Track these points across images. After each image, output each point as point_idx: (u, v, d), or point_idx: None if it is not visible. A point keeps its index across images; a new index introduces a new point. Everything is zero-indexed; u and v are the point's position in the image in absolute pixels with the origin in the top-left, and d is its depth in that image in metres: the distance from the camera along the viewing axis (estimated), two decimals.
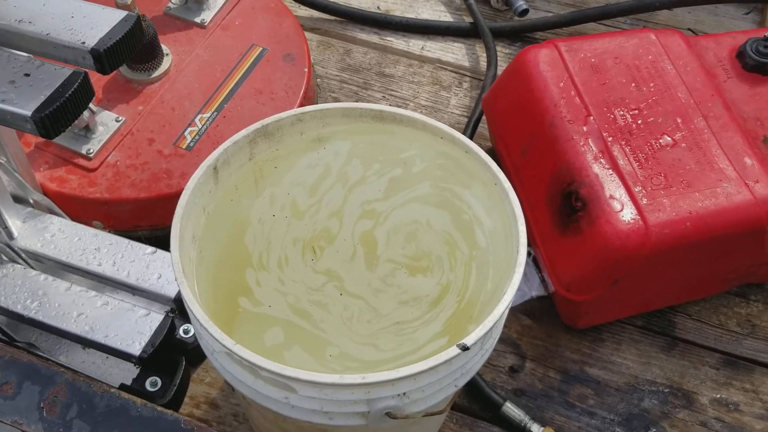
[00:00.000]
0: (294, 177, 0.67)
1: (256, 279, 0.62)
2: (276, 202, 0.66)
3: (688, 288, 0.88)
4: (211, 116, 0.93)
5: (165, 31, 1.00)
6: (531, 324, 0.90)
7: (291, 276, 0.62)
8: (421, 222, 0.65)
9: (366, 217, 0.66)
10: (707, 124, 0.83)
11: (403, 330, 0.60)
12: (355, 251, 0.64)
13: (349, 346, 0.59)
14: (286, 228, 0.65)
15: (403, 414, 0.54)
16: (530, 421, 0.81)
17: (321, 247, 0.64)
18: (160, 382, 0.78)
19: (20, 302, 0.76)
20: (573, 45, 0.89)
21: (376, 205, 0.66)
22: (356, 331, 0.60)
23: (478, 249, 0.63)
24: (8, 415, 0.48)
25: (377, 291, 0.62)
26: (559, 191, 0.81)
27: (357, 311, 0.61)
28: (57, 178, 0.87)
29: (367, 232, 0.65)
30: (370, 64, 1.17)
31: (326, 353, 0.58)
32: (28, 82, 0.51)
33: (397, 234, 0.65)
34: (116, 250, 0.80)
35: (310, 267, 0.63)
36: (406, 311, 0.61)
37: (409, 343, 0.59)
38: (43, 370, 0.49)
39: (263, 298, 0.61)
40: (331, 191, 0.67)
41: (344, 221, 0.65)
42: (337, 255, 0.64)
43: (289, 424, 0.62)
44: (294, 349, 0.58)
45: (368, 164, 0.68)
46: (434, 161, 0.67)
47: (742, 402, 0.86)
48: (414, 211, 0.66)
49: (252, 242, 0.64)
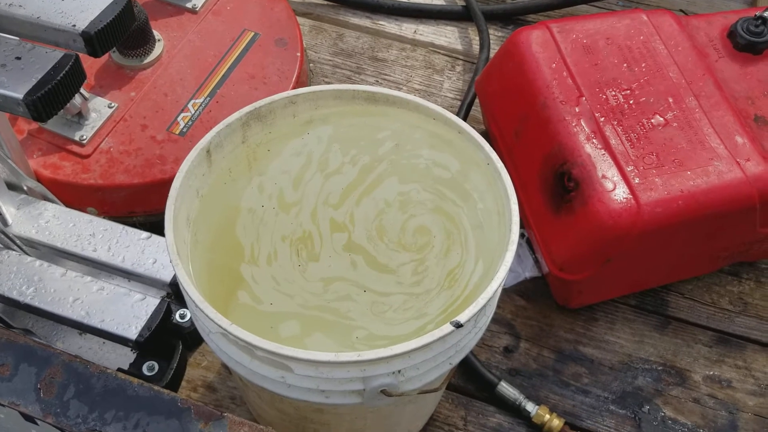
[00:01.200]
0: (282, 164, 0.67)
1: (251, 274, 0.62)
2: (264, 191, 0.66)
3: (680, 267, 0.89)
4: (204, 101, 0.93)
5: (156, 17, 0.99)
6: (525, 304, 0.91)
7: (284, 276, 0.63)
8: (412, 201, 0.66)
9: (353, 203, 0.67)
10: (698, 103, 0.83)
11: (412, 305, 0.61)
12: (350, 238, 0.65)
13: (373, 327, 0.60)
14: (274, 220, 0.65)
15: (398, 391, 0.55)
16: (525, 400, 0.81)
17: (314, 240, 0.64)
18: (157, 366, 0.78)
19: (16, 288, 0.76)
20: (565, 26, 0.89)
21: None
22: (379, 315, 0.61)
23: (472, 228, 0.64)
24: (5, 397, 0.48)
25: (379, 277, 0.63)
26: (551, 172, 0.82)
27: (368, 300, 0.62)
28: (50, 165, 0.87)
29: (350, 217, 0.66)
30: (362, 49, 1.16)
31: (353, 335, 0.59)
32: (19, 65, 0.51)
33: (385, 216, 0.66)
34: (111, 235, 0.81)
35: (310, 270, 0.63)
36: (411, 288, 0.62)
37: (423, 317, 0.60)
38: (40, 351, 0.49)
39: (263, 296, 0.61)
40: (313, 180, 0.67)
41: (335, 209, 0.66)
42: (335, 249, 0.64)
43: (286, 404, 0.63)
44: (315, 336, 0.59)
45: (347, 150, 0.68)
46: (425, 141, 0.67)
47: (734, 379, 0.87)
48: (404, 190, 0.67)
49: (243, 234, 0.64)
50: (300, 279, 0.62)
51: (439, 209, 0.66)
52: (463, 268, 0.62)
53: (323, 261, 0.64)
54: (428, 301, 0.61)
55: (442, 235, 0.64)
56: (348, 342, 0.59)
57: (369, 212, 0.66)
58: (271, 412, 0.69)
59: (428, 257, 0.64)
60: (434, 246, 0.64)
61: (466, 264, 0.62)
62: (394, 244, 0.65)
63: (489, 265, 0.62)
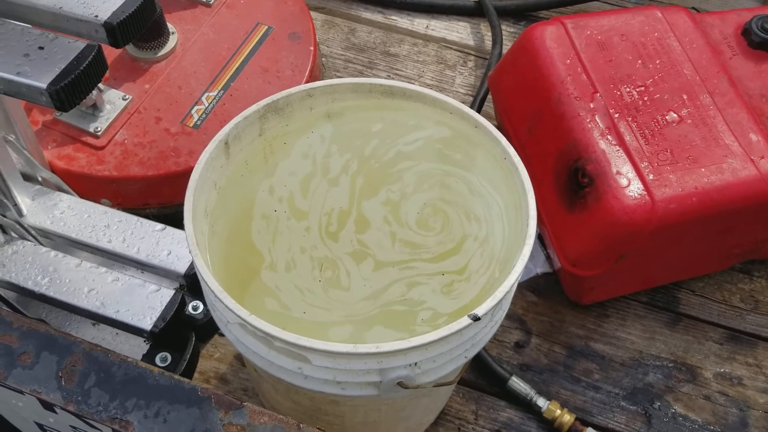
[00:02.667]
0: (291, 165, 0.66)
1: (274, 284, 0.61)
2: (274, 193, 0.65)
3: (692, 264, 0.89)
4: (218, 95, 0.93)
5: (170, 10, 1.00)
6: (536, 300, 0.91)
7: (306, 286, 0.62)
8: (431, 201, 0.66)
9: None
10: (713, 100, 0.83)
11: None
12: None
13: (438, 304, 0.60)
14: (287, 225, 0.64)
15: (414, 384, 0.55)
16: (536, 395, 0.82)
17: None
18: (170, 357, 0.78)
19: (31, 278, 0.77)
20: (579, 22, 0.89)
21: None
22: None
23: (488, 222, 0.64)
24: (27, 384, 0.49)
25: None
26: (565, 168, 0.82)
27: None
28: (65, 156, 0.87)
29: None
30: (374, 44, 1.17)
31: (418, 318, 0.59)
32: (42, 55, 0.51)
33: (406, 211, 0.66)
34: (126, 227, 0.81)
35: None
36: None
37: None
38: (61, 340, 0.49)
39: (292, 305, 0.60)
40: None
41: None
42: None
43: (302, 395, 0.63)
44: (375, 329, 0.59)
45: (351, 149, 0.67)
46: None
47: (745, 376, 0.87)
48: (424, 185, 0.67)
49: (259, 239, 0.63)
50: (324, 297, 0.61)
51: (451, 198, 0.66)
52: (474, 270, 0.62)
53: (355, 290, 0.62)
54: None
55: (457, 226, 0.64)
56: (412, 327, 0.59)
57: (382, 214, 0.65)
58: (286, 404, 0.70)
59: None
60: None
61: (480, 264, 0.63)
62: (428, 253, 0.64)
63: (506, 260, 0.62)
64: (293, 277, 0.61)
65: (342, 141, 0.68)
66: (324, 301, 0.61)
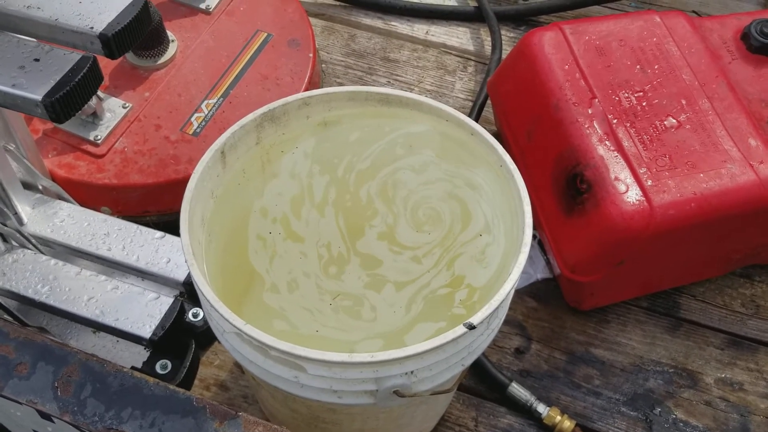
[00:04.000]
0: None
1: (279, 306, 0.60)
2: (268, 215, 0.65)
3: (692, 269, 0.89)
4: (218, 102, 0.93)
5: (170, 18, 1.00)
6: (536, 306, 0.91)
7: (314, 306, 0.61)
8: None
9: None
10: (712, 105, 0.83)
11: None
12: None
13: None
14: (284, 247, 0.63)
15: (410, 392, 0.55)
16: (536, 402, 0.82)
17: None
18: (170, 365, 0.79)
19: (31, 287, 0.77)
20: (578, 27, 0.89)
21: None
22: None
23: (485, 231, 0.64)
24: (23, 395, 0.49)
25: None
26: (564, 173, 0.82)
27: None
28: (65, 165, 0.88)
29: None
30: (374, 49, 1.17)
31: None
32: (37, 67, 0.52)
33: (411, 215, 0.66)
34: (125, 235, 0.81)
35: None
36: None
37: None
38: (57, 350, 0.50)
39: (300, 324, 0.60)
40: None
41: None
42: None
43: (299, 403, 0.63)
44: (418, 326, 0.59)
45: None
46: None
47: (746, 381, 0.86)
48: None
49: (256, 260, 0.63)
50: (343, 319, 0.60)
51: (452, 197, 0.65)
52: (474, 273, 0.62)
53: (383, 318, 0.60)
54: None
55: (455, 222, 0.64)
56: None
57: (384, 247, 0.64)
58: (284, 411, 0.70)
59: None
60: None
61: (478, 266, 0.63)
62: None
63: (502, 267, 0.62)
64: (297, 298, 0.61)
65: (323, 158, 0.67)
66: (342, 323, 0.60)
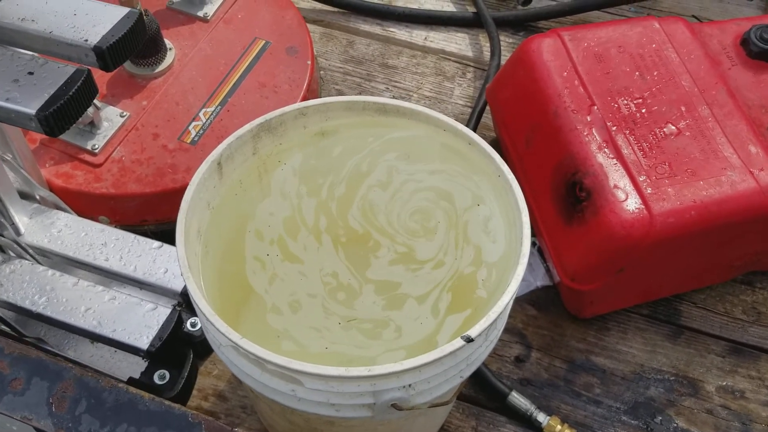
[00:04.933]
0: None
1: (283, 327, 0.60)
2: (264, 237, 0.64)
3: (693, 276, 0.88)
4: (215, 110, 0.93)
5: (168, 26, 1.00)
6: (536, 314, 0.91)
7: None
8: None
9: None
10: (711, 112, 0.83)
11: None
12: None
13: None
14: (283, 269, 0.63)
15: (408, 405, 0.55)
16: (536, 411, 0.81)
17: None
18: (169, 375, 0.78)
19: (28, 298, 0.77)
20: (576, 34, 0.89)
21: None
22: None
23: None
24: (18, 411, 0.49)
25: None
26: (563, 181, 0.81)
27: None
28: (63, 174, 0.87)
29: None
30: (373, 56, 1.16)
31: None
32: (31, 80, 0.51)
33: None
34: (123, 245, 0.81)
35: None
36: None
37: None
38: (52, 365, 0.49)
39: (309, 344, 0.60)
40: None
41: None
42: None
43: (297, 416, 0.63)
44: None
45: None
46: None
47: (748, 389, 0.86)
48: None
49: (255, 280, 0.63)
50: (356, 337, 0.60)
51: (445, 214, 0.65)
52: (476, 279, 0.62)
53: (408, 333, 0.60)
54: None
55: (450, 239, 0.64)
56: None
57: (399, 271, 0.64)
58: (282, 423, 0.69)
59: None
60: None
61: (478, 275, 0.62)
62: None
63: (500, 277, 0.61)
64: (301, 319, 0.60)
65: (309, 177, 0.67)
66: (354, 340, 0.59)
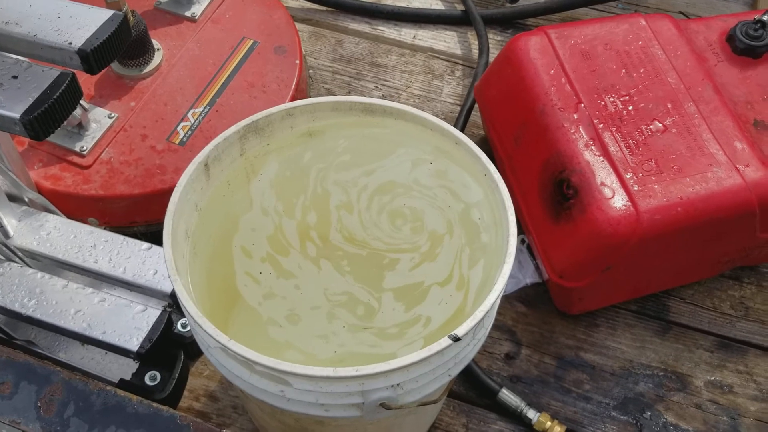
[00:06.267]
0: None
1: (285, 341, 0.61)
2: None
3: (681, 272, 0.89)
4: (204, 111, 0.93)
5: (155, 26, 1.00)
6: (526, 311, 0.91)
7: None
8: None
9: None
10: (697, 108, 0.83)
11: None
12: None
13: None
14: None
15: (397, 404, 0.55)
16: (526, 407, 0.82)
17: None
18: (159, 376, 0.78)
19: (18, 300, 0.77)
20: (563, 32, 0.89)
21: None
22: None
23: (473, 239, 0.64)
24: (6, 415, 0.49)
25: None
26: (550, 179, 0.82)
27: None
28: (51, 176, 0.87)
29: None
30: (362, 54, 1.17)
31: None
32: (15, 84, 0.51)
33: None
34: (112, 246, 0.81)
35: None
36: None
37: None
38: (39, 369, 0.49)
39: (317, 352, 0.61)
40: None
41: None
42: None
43: (287, 416, 0.63)
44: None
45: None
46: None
47: (736, 384, 0.86)
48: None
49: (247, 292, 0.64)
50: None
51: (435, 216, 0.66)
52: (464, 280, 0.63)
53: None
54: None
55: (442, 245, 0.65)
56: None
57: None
58: (273, 423, 0.69)
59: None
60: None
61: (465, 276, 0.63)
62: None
63: (487, 275, 0.62)
64: (303, 330, 0.61)
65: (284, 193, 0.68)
66: (367, 341, 0.60)
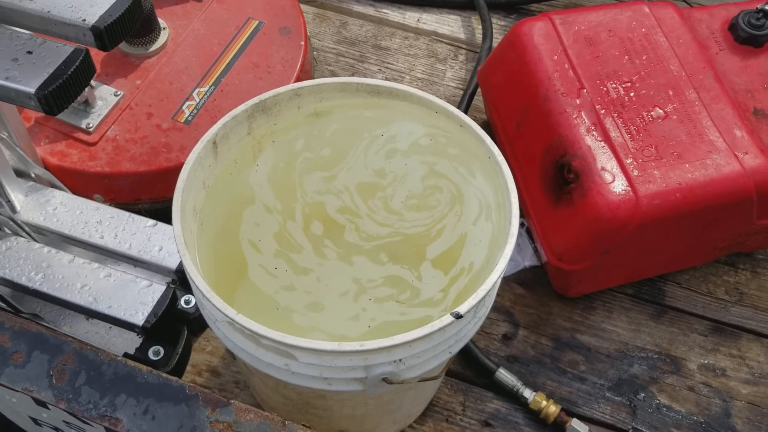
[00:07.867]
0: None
1: (309, 324, 0.64)
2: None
3: (677, 257, 0.90)
4: (209, 90, 0.94)
5: (161, 5, 1.00)
6: (524, 293, 0.92)
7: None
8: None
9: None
10: (698, 96, 0.84)
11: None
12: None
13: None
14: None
15: (399, 379, 0.56)
16: (522, 387, 0.83)
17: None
18: (163, 351, 0.80)
19: (25, 274, 0.78)
20: (567, 18, 0.90)
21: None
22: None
23: (473, 220, 0.65)
24: (19, 383, 0.50)
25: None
26: (552, 163, 0.83)
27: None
28: (58, 153, 0.88)
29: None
30: (366, 37, 1.17)
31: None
32: (30, 59, 0.52)
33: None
34: (118, 223, 0.82)
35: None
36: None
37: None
38: (52, 339, 0.51)
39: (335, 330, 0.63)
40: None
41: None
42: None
43: (290, 390, 0.65)
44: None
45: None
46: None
47: (728, 367, 0.88)
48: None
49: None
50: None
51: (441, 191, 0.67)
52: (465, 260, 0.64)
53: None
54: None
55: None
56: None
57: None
58: (275, 397, 0.71)
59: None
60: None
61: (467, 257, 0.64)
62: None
63: (489, 255, 0.63)
64: (329, 316, 0.63)
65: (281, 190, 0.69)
66: (394, 308, 0.63)
